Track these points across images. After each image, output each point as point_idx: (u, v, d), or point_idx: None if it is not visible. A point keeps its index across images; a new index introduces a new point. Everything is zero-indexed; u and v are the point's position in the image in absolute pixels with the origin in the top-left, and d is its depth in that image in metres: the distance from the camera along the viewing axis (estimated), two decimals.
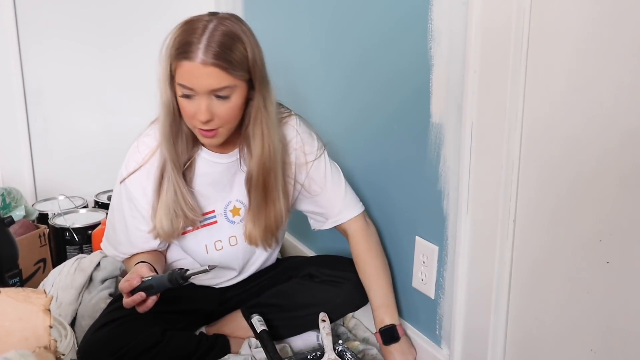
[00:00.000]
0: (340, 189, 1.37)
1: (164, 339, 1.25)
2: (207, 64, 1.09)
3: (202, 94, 1.13)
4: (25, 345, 0.83)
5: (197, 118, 1.14)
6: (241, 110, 1.19)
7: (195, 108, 1.14)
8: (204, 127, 1.16)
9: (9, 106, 2.04)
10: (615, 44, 0.83)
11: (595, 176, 0.88)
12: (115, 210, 1.33)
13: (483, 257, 1.10)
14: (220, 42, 1.10)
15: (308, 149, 1.33)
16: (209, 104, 1.13)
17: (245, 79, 1.16)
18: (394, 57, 1.31)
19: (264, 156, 1.23)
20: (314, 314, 1.35)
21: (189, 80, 1.12)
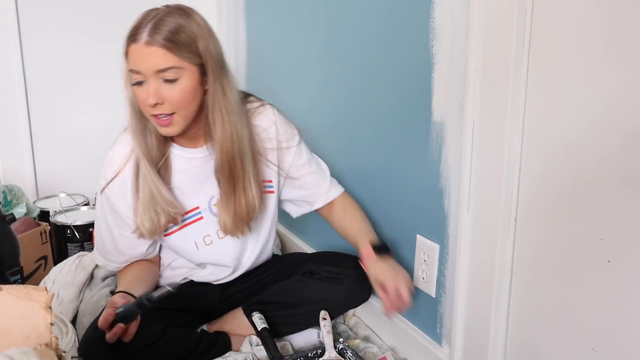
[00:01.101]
0: (324, 171, 1.43)
1: (165, 336, 1.26)
2: (151, 43, 1.11)
3: (150, 76, 1.13)
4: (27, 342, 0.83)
5: (147, 102, 1.14)
6: (194, 96, 1.18)
7: (145, 93, 1.14)
8: (155, 113, 1.16)
9: (10, 103, 2.04)
10: (617, 42, 0.83)
11: (596, 175, 0.88)
12: (100, 220, 1.34)
13: (484, 256, 1.10)
14: (166, 25, 1.13)
15: (286, 136, 1.34)
16: (157, 87, 1.14)
17: (195, 62, 1.16)
18: (395, 55, 1.31)
19: (226, 142, 1.22)
20: (315, 311, 1.35)
21: (135, 62, 1.14)
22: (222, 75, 1.21)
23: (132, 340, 1.21)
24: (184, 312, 1.38)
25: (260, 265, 1.47)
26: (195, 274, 1.42)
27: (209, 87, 1.19)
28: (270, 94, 1.97)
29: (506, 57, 0.98)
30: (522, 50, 0.96)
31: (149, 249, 1.36)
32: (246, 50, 2.12)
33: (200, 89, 1.19)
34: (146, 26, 1.13)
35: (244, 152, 1.25)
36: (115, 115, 2.23)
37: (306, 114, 1.74)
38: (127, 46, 1.15)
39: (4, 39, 1.99)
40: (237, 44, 2.18)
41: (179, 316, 1.36)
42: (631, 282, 0.85)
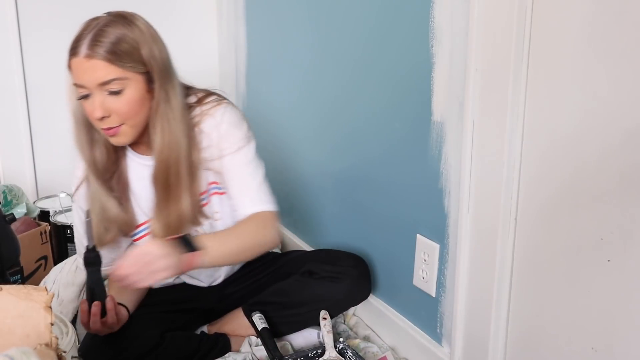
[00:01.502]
0: (252, 183, 1.27)
1: (164, 342, 1.25)
2: (91, 56, 1.09)
3: (94, 89, 1.11)
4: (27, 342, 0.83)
5: (93, 116, 1.13)
6: (142, 105, 1.16)
7: (91, 107, 1.12)
8: (103, 126, 1.14)
9: (10, 103, 2.04)
10: (617, 42, 0.83)
11: (597, 174, 0.88)
12: (76, 224, 1.35)
13: (484, 255, 1.10)
14: (106, 35, 1.10)
15: (224, 143, 1.25)
16: (103, 100, 1.11)
17: (139, 71, 1.13)
18: (395, 55, 1.31)
19: (164, 151, 1.18)
20: (315, 311, 1.35)
21: (78, 76, 1.11)
22: (168, 81, 1.18)
23: (130, 348, 1.20)
24: (182, 313, 1.38)
25: (259, 264, 1.47)
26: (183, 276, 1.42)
27: (155, 94, 1.16)
28: (270, 94, 1.97)
29: (506, 57, 0.98)
30: (522, 50, 0.96)
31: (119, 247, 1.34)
32: (246, 50, 2.12)
33: (149, 96, 1.16)
34: (86, 38, 1.10)
35: (180, 162, 1.20)
36: None
37: (304, 113, 1.74)
38: (69, 60, 1.12)
39: (4, 39, 1.99)
40: (237, 44, 2.18)
41: (178, 318, 1.36)
42: (631, 282, 0.85)
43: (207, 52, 2.35)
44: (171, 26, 2.32)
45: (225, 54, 2.30)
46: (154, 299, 1.36)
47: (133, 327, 1.23)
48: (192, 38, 2.30)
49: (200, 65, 2.32)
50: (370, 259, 1.48)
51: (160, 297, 1.38)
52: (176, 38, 2.30)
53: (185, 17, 2.28)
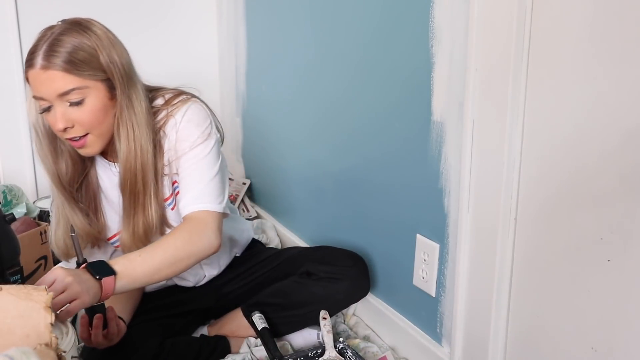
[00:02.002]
0: (198, 180, 1.20)
1: (164, 350, 1.25)
2: (48, 67, 1.06)
3: (54, 101, 1.08)
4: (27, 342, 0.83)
5: (55, 128, 1.10)
6: (105, 113, 1.12)
7: (53, 119, 1.09)
8: (68, 137, 1.11)
9: (10, 103, 2.04)
10: (617, 42, 0.83)
11: (597, 174, 0.88)
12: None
13: (484, 255, 1.10)
14: (62, 44, 1.07)
15: (181, 143, 1.20)
16: (64, 111, 1.08)
17: (99, 78, 1.10)
18: (395, 54, 1.31)
19: (130, 158, 1.15)
20: (314, 311, 1.35)
21: (36, 89, 1.08)
22: (130, 86, 1.15)
23: (132, 356, 1.20)
24: (181, 316, 1.38)
25: (255, 263, 1.47)
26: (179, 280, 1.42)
27: (117, 101, 1.14)
28: (270, 94, 1.97)
29: (506, 57, 0.98)
30: (522, 50, 0.96)
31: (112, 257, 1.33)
32: (246, 50, 2.12)
33: (111, 103, 1.13)
34: (41, 49, 1.07)
35: (146, 169, 1.17)
36: None
37: (304, 112, 1.74)
38: (26, 72, 1.09)
39: (4, 39, 1.99)
40: (237, 44, 2.18)
41: (177, 321, 1.36)
42: (631, 282, 0.85)
43: (207, 52, 2.35)
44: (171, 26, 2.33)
45: (225, 54, 2.30)
46: (149, 305, 1.36)
47: (132, 338, 1.21)
48: (192, 38, 2.30)
49: (200, 65, 2.33)
50: (370, 259, 1.48)
51: (155, 302, 1.37)
52: (176, 38, 2.32)
53: (185, 17, 2.28)
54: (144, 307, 1.35)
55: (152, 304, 1.36)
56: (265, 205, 2.10)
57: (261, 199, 2.12)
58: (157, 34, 2.22)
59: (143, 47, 2.19)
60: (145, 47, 2.19)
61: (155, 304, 1.36)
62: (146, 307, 1.35)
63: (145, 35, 2.19)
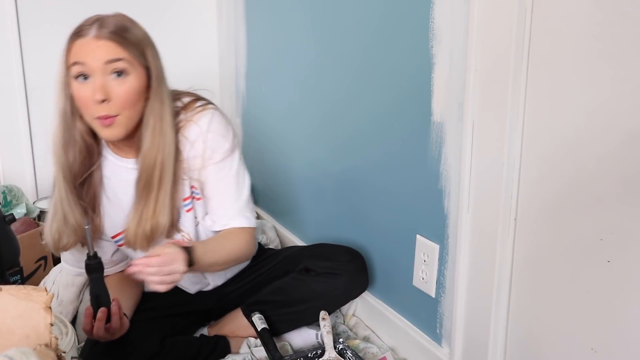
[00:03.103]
0: (236, 196, 1.28)
1: (164, 349, 1.25)
2: (100, 37, 1.10)
3: (97, 70, 1.10)
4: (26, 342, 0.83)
5: (93, 98, 1.10)
6: (139, 99, 1.14)
7: (91, 89, 1.10)
8: (101, 113, 1.11)
9: (10, 103, 2.04)
10: (617, 42, 0.83)
11: (596, 174, 0.88)
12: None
13: (484, 256, 1.10)
14: (114, 23, 1.12)
15: (212, 152, 1.24)
16: (104, 83, 1.10)
17: (142, 64, 1.14)
18: (395, 55, 1.31)
19: (152, 152, 1.17)
20: (314, 308, 1.35)
21: (82, 55, 1.10)
22: (162, 87, 1.18)
23: (133, 354, 1.20)
24: (180, 317, 1.38)
25: (256, 263, 1.47)
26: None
27: (150, 100, 1.16)
28: (270, 94, 1.97)
29: (506, 57, 0.98)
30: (522, 50, 0.96)
31: (114, 255, 1.34)
32: (246, 50, 2.12)
33: (145, 94, 1.16)
34: (93, 24, 1.11)
35: (165, 166, 1.18)
36: None
37: (304, 113, 1.74)
38: (73, 42, 1.11)
39: (4, 39, 1.99)
40: (237, 44, 2.18)
41: (176, 322, 1.36)
42: (631, 282, 0.85)
43: (207, 53, 2.35)
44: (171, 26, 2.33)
45: (225, 55, 2.30)
46: (150, 304, 1.36)
47: (133, 334, 1.21)
48: (192, 38, 2.30)
49: (200, 65, 2.33)
50: (370, 259, 1.48)
51: (156, 301, 1.37)
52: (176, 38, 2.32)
53: (185, 17, 2.28)
54: (145, 305, 1.35)
55: (154, 302, 1.36)
56: (265, 206, 2.10)
57: (261, 200, 2.12)
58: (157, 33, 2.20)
59: None
60: None
61: (156, 303, 1.36)
62: (148, 305, 1.35)
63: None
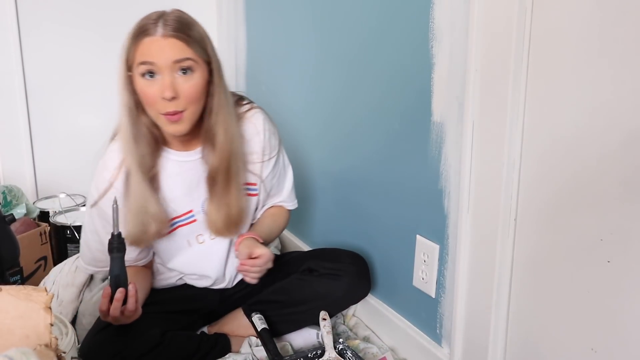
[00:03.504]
0: (287, 182, 1.45)
1: (165, 341, 1.25)
2: (168, 36, 1.13)
3: (165, 69, 1.13)
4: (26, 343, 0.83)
5: (162, 95, 1.13)
6: (203, 94, 1.19)
7: (159, 87, 1.14)
8: (169, 109, 1.15)
9: (10, 103, 2.04)
10: (617, 42, 0.83)
11: (597, 175, 0.88)
12: (89, 230, 1.32)
13: (484, 256, 1.10)
14: (179, 21, 1.15)
15: (270, 148, 1.35)
16: (172, 81, 1.14)
17: (205, 60, 1.18)
18: (395, 55, 1.31)
19: (227, 146, 1.23)
20: (315, 309, 1.35)
21: (151, 54, 1.13)
22: (223, 80, 1.23)
23: (132, 346, 1.21)
24: (184, 314, 1.38)
25: None
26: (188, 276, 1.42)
27: (215, 89, 1.20)
28: (269, 94, 1.97)
29: (506, 57, 0.98)
30: (522, 50, 0.96)
31: (140, 254, 1.35)
32: (246, 50, 2.12)
33: (207, 88, 1.20)
34: (159, 21, 1.14)
35: (238, 156, 1.26)
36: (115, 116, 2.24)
37: (305, 113, 1.74)
38: (139, 40, 1.14)
39: (4, 39, 1.99)
40: (237, 44, 2.18)
41: (179, 319, 1.36)
42: (631, 282, 0.85)
43: None
44: None
45: (225, 55, 2.30)
46: (156, 298, 1.36)
47: (136, 325, 1.23)
48: None
49: None
50: (370, 260, 1.48)
51: (162, 296, 1.38)
52: None
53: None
54: (151, 299, 1.35)
55: (159, 297, 1.37)
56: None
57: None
58: None
59: None
60: None
61: (162, 297, 1.37)
62: (153, 299, 1.35)
63: None
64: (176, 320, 1.35)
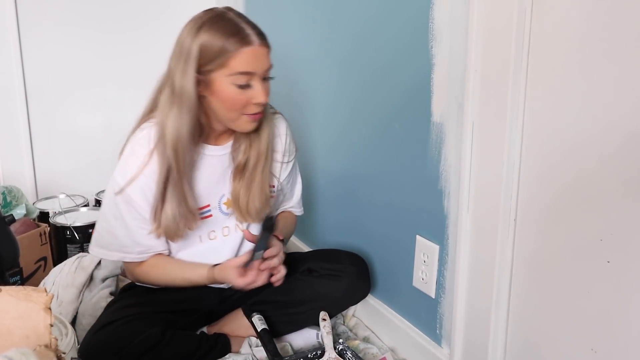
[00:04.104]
0: (298, 190, 1.51)
1: (165, 339, 1.25)
2: (263, 45, 1.18)
3: (258, 77, 1.18)
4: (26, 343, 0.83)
5: (258, 101, 1.19)
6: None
7: (252, 94, 1.18)
8: (256, 111, 1.21)
9: (10, 104, 2.04)
10: (617, 42, 0.83)
11: (596, 175, 0.88)
12: (112, 217, 1.30)
13: (484, 256, 1.10)
14: (257, 26, 1.20)
15: (290, 152, 1.41)
16: (264, 86, 1.20)
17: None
18: (395, 56, 1.31)
19: (264, 143, 1.30)
20: (315, 309, 1.35)
21: (253, 64, 1.16)
22: None
23: (132, 344, 1.21)
24: (183, 314, 1.38)
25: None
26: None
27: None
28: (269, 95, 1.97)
29: (506, 57, 0.98)
30: (521, 51, 0.96)
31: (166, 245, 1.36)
32: None
33: None
34: (249, 28, 1.17)
35: (269, 151, 1.33)
36: (115, 116, 2.24)
37: (304, 114, 1.74)
38: (236, 50, 1.15)
39: (3, 40, 1.99)
40: None
41: (179, 319, 1.36)
42: (631, 282, 0.85)
43: None
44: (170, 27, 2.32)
45: None
46: (156, 297, 1.36)
47: (137, 324, 1.24)
48: None
49: None
50: (370, 260, 1.48)
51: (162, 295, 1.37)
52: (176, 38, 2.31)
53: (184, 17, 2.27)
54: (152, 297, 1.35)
55: (157, 297, 1.36)
56: None
57: None
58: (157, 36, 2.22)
59: (142, 47, 2.20)
60: (143, 47, 2.20)
61: (161, 297, 1.37)
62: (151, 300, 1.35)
63: (144, 35, 2.20)
64: (176, 320, 1.35)
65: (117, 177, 1.27)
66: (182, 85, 1.18)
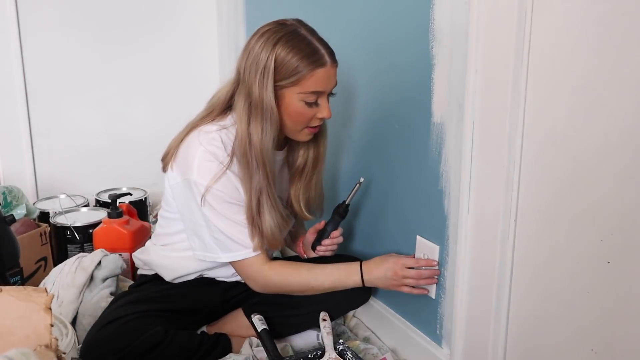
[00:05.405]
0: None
1: (167, 338, 1.26)
2: (333, 64, 1.22)
3: (326, 94, 1.23)
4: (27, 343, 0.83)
5: (323, 116, 1.24)
6: None
7: (318, 109, 1.23)
8: (318, 124, 1.27)
9: (10, 104, 2.04)
10: (617, 42, 0.83)
11: (596, 176, 0.88)
12: (221, 223, 1.25)
13: (484, 257, 1.10)
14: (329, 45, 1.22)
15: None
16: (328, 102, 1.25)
17: None
18: (395, 56, 1.31)
19: (322, 147, 1.38)
20: (315, 312, 1.35)
21: (324, 84, 1.21)
22: None
23: (135, 343, 1.21)
24: (185, 313, 1.38)
25: None
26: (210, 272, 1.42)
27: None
28: None
29: (506, 57, 0.98)
30: (522, 51, 0.96)
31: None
32: None
33: None
34: (322, 47, 1.20)
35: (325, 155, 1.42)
36: (115, 116, 2.25)
37: None
38: (312, 70, 1.18)
39: (4, 40, 1.99)
40: (237, 44, 2.18)
41: (181, 318, 1.36)
42: (631, 283, 0.85)
43: (207, 55, 2.35)
44: (172, 29, 2.33)
45: (225, 57, 2.30)
46: (157, 297, 1.36)
47: (139, 322, 1.24)
48: (192, 41, 2.31)
49: (200, 68, 2.33)
50: None
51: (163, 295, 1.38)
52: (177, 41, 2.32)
53: (185, 20, 2.28)
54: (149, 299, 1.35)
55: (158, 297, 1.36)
56: None
57: None
58: (157, 36, 2.22)
59: (143, 50, 2.21)
60: (145, 49, 2.20)
61: (163, 297, 1.37)
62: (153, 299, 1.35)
63: (145, 37, 2.20)
64: (176, 319, 1.35)
65: (199, 184, 1.22)
66: (263, 99, 1.20)
